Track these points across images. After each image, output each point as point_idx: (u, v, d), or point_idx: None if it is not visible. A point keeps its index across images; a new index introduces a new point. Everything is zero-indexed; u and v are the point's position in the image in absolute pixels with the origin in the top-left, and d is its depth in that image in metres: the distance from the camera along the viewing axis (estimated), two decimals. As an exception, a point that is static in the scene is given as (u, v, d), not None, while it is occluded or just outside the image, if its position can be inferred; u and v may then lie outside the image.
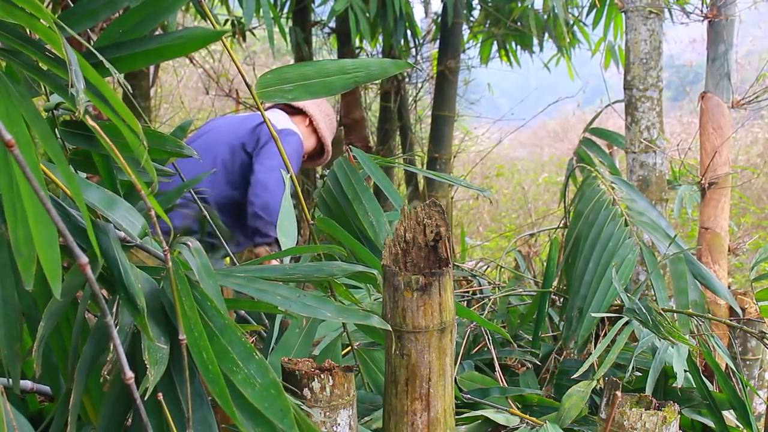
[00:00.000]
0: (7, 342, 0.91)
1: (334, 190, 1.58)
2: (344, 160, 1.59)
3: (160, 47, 0.94)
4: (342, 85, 1.22)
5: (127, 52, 0.93)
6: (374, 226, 1.51)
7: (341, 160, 1.59)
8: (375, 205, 1.53)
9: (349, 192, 1.54)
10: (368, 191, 1.54)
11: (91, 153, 1.06)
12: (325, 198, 1.60)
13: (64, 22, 0.78)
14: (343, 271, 1.14)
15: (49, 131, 0.74)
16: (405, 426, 1.19)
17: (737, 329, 2.00)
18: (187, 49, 0.97)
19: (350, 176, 1.56)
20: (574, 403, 1.53)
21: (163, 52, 0.95)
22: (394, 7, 4.12)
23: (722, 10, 2.41)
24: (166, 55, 0.96)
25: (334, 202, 1.58)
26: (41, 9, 0.70)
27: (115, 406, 0.94)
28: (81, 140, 1.02)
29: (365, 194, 1.53)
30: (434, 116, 5.08)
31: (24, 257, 0.71)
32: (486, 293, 2.49)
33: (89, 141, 1.00)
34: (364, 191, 1.53)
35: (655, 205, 2.34)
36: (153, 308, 0.94)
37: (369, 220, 1.52)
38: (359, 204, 1.53)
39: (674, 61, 10.15)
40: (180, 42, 0.96)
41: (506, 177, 9.46)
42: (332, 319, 1.01)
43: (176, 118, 7.22)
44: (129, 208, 0.95)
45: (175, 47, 0.95)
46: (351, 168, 1.57)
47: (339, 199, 1.57)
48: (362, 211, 1.52)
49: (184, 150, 1.08)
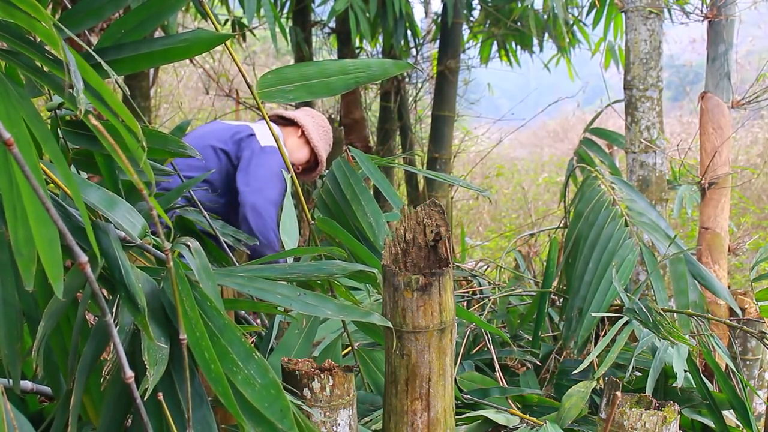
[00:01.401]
0: (8, 342, 0.91)
1: (333, 191, 1.58)
2: (343, 161, 1.59)
3: (165, 50, 0.94)
4: (343, 86, 1.22)
5: (130, 53, 0.93)
6: (373, 227, 1.51)
7: (340, 161, 1.59)
8: (374, 206, 1.53)
9: (348, 193, 1.54)
10: (367, 192, 1.54)
11: (94, 153, 1.06)
12: (325, 198, 1.61)
13: (66, 22, 0.78)
14: (342, 270, 1.14)
15: (48, 132, 0.74)
16: (405, 426, 1.19)
17: (737, 329, 2.00)
18: (192, 52, 0.97)
19: (349, 177, 1.56)
20: (574, 402, 1.53)
21: (167, 54, 0.95)
22: (394, 7, 4.12)
23: (722, 10, 2.41)
24: (171, 57, 0.96)
25: (333, 203, 1.58)
26: (41, 10, 0.70)
27: (116, 406, 0.94)
28: (83, 140, 1.02)
29: (364, 195, 1.54)
30: (434, 116, 5.08)
31: (24, 258, 0.71)
32: (486, 293, 2.49)
33: (91, 141, 1.01)
34: (363, 192, 1.54)
35: (655, 205, 2.34)
36: (153, 308, 0.94)
37: (368, 221, 1.52)
38: (358, 205, 1.53)
39: (674, 61, 10.15)
40: (184, 45, 0.96)
41: (506, 177, 9.46)
42: (332, 317, 1.01)
43: (176, 118, 7.22)
44: (129, 209, 0.95)
45: (179, 50, 0.95)
46: (350, 168, 1.57)
47: (338, 199, 1.57)
48: (361, 212, 1.52)
49: (186, 150, 1.08)
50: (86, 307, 0.96)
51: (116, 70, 0.88)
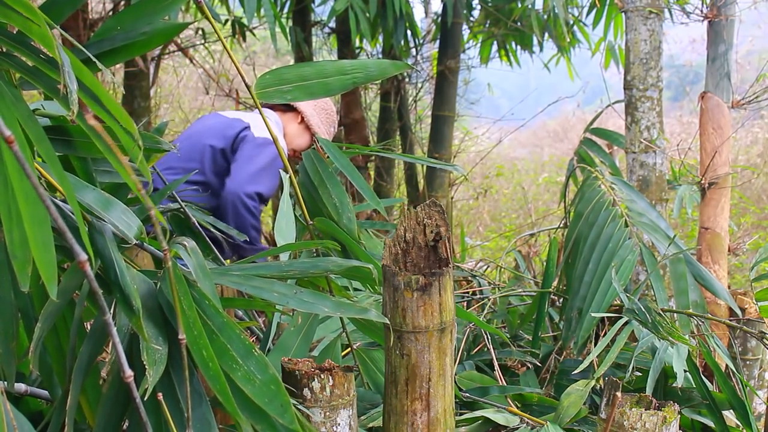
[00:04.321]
0: (3, 341, 0.91)
1: (305, 182, 1.59)
2: (312, 151, 1.60)
3: (127, 44, 0.95)
4: (340, 86, 1.22)
5: (94, 52, 0.93)
6: (337, 207, 1.53)
7: (310, 152, 1.61)
8: (339, 188, 1.55)
9: (316, 179, 1.56)
10: (334, 177, 1.56)
11: (70, 157, 1.05)
12: (300, 191, 1.62)
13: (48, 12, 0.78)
14: (338, 266, 1.14)
15: (42, 133, 0.74)
16: (405, 426, 1.19)
17: (737, 329, 2.00)
18: (153, 44, 0.98)
19: (316, 164, 1.57)
20: (572, 401, 1.52)
21: (130, 49, 0.96)
22: (394, 7, 4.12)
23: (722, 10, 2.41)
24: (134, 51, 0.97)
25: (307, 194, 1.60)
26: (35, 11, 0.70)
27: (113, 407, 0.93)
28: (59, 145, 1.01)
29: (330, 180, 1.55)
30: (434, 116, 5.08)
31: (19, 259, 0.71)
32: (486, 293, 2.48)
33: (68, 145, 1.00)
34: (329, 177, 1.55)
35: (655, 205, 2.34)
36: (150, 309, 0.93)
37: (333, 201, 1.53)
38: (324, 189, 1.54)
39: (674, 61, 10.16)
40: (145, 38, 0.96)
41: (506, 177, 9.46)
42: (330, 314, 1.01)
43: (176, 118, 7.22)
44: (125, 209, 0.95)
45: (141, 43, 0.96)
46: (318, 156, 1.59)
47: (309, 189, 1.58)
48: (327, 195, 1.54)
49: (163, 146, 1.07)
50: (83, 307, 0.96)
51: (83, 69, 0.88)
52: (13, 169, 0.70)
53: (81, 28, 4.09)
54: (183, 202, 1.64)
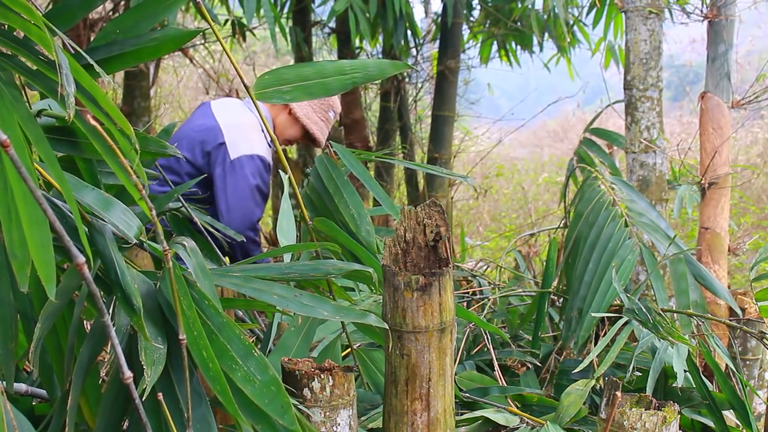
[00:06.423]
0: (3, 341, 0.91)
1: (317, 187, 1.58)
2: (325, 156, 1.59)
3: (136, 50, 0.94)
4: (340, 86, 1.22)
5: (103, 56, 0.93)
6: (355, 219, 1.52)
7: (322, 157, 1.60)
8: (356, 198, 1.53)
9: (331, 186, 1.54)
10: (349, 185, 1.54)
11: (75, 158, 1.05)
12: (310, 195, 1.61)
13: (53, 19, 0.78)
14: (339, 269, 1.13)
15: (41, 134, 0.74)
16: (405, 426, 1.19)
17: (737, 329, 2.00)
18: (162, 51, 0.97)
19: (331, 171, 1.56)
20: (572, 401, 1.52)
21: (139, 54, 0.95)
22: (394, 7, 4.12)
23: (722, 10, 2.41)
24: (143, 57, 0.96)
25: (318, 199, 1.58)
26: (34, 12, 0.70)
27: (113, 407, 0.93)
28: (64, 146, 1.01)
29: (346, 188, 1.54)
30: (434, 116, 5.08)
31: (18, 259, 0.71)
32: (486, 293, 2.48)
33: (73, 146, 1.00)
34: (344, 185, 1.54)
35: (655, 205, 2.34)
36: (150, 309, 0.93)
37: (350, 212, 1.52)
38: (340, 198, 1.53)
39: (674, 61, 10.16)
40: (155, 44, 0.96)
41: (506, 177, 9.46)
42: (329, 318, 1.01)
43: (176, 118, 7.22)
44: (125, 209, 0.95)
45: (150, 49, 0.96)
46: (331, 162, 1.57)
47: (322, 194, 1.57)
48: (343, 205, 1.53)
49: (168, 150, 1.07)
50: (82, 307, 0.96)
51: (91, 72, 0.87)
52: (11, 171, 0.70)
53: (81, 28, 4.10)
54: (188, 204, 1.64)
